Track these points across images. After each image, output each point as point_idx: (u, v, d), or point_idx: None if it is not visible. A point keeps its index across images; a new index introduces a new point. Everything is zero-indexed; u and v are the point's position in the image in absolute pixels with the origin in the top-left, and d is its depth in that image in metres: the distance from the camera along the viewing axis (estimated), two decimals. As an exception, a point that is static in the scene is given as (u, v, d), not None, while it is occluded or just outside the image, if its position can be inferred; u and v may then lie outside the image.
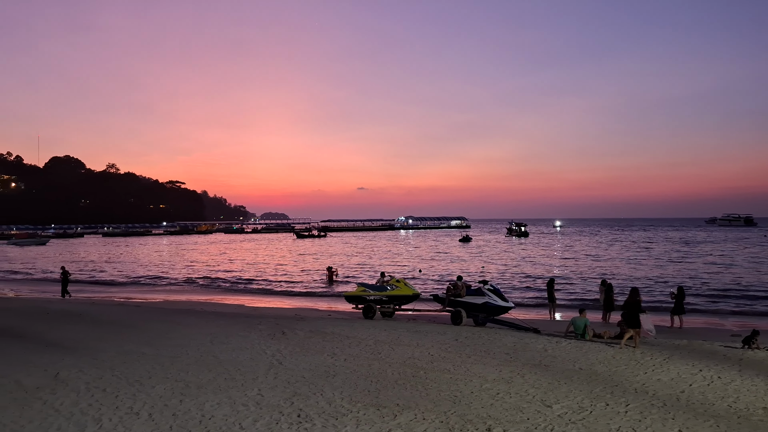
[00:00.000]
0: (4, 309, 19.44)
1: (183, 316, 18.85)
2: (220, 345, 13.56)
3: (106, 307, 21.52)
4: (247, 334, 15.07)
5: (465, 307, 17.93)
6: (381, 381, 10.36)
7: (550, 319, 20.74)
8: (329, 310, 22.77)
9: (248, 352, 12.87)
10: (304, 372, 11.01)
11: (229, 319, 18.09)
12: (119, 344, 13.69)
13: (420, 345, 13.57)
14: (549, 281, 22.04)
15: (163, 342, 13.97)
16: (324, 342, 13.96)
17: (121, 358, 12.19)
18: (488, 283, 18.64)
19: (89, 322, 17.01)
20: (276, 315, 20.08)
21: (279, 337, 14.58)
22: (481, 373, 11.02)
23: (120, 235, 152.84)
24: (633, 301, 14.10)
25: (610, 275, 35.24)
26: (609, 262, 49.58)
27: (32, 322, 16.88)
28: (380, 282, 20.67)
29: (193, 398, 9.28)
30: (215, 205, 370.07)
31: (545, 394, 9.58)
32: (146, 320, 17.43)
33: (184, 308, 21.82)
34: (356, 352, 12.89)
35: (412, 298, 19.67)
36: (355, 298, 20.08)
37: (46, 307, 20.94)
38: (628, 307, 14.06)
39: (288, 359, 12.11)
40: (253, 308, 23.16)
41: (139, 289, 34.85)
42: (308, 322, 17.61)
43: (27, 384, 10.18)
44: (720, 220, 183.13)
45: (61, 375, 10.76)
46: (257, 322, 16.98)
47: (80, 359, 12.07)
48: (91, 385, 10.05)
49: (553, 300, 21.31)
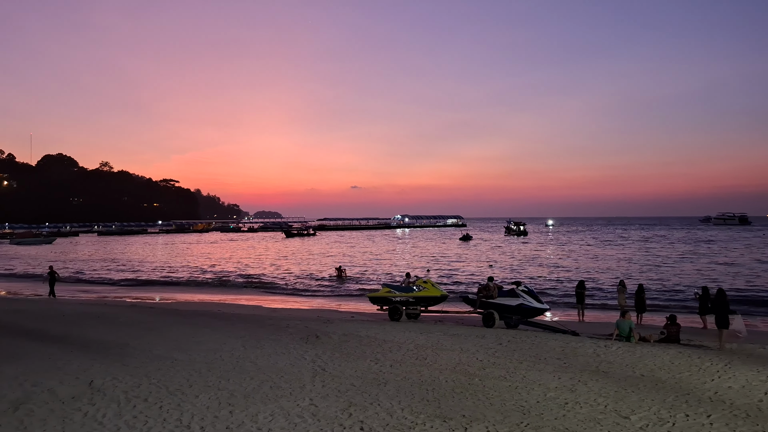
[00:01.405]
0: (17, 311, 18.74)
1: (203, 318, 18.20)
2: (254, 350, 12.96)
3: (120, 309, 20.84)
4: (278, 337, 14.47)
5: (498, 309, 17.38)
6: (436, 389, 9.79)
7: (579, 320, 20.17)
8: (351, 312, 22.16)
9: (286, 357, 12.28)
10: (352, 379, 10.44)
11: (252, 321, 17.47)
12: (147, 349, 13.06)
13: (464, 350, 13.01)
14: (579, 283, 21.46)
15: (192, 346, 13.35)
16: (362, 346, 13.38)
17: (153, 364, 11.57)
18: (521, 284, 18.10)
19: (108, 325, 16.36)
20: (298, 317, 19.48)
21: (313, 341, 13.99)
22: (540, 380, 10.47)
23: (115, 233, 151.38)
24: (722, 301, 14.15)
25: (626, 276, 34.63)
26: (618, 262, 49.19)
27: (51, 325, 16.21)
28: (405, 283, 20.09)
29: (242, 409, 8.69)
30: (209, 203, 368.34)
31: (616, 404, 9.03)
32: (167, 323, 16.78)
33: (200, 310, 21.15)
34: (399, 357, 12.32)
35: (440, 299, 19.10)
36: (380, 300, 19.49)
37: (59, 308, 20.24)
38: (718, 308, 14.08)
39: (330, 365, 11.52)
40: (271, 309, 22.52)
41: (147, 290, 34.10)
42: (336, 324, 17.02)
43: (62, 393, 9.55)
44: (715, 219, 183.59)
45: (96, 383, 10.13)
46: (285, 325, 16.37)
47: (110, 365, 11.44)
48: (130, 394, 9.44)
49: (582, 302, 20.75)
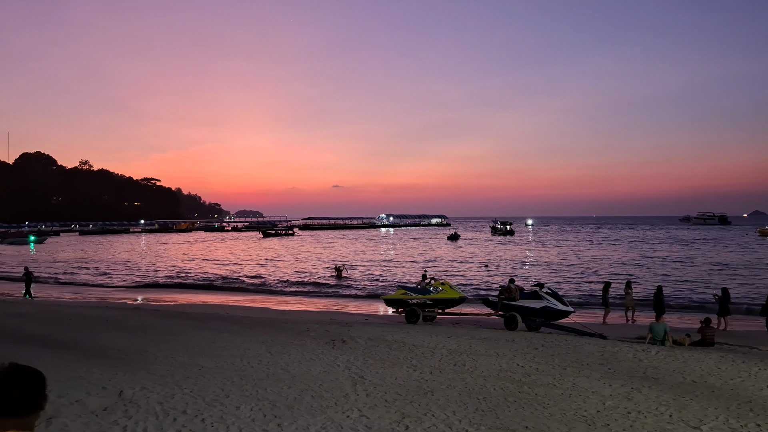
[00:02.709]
0: (19, 314, 17.94)
1: (216, 321, 17.59)
2: (281, 356, 12.43)
3: (124, 312, 20.10)
4: (302, 342, 13.95)
5: (521, 312, 17.00)
6: (488, 398, 9.36)
7: (603, 322, 19.85)
8: (364, 314, 21.65)
9: (317, 363, 11.78)
10: (396, 388, 9.97)
11: (268, 325, 16.90)
12: (169, 355, 12.47)
13: (500, 354, 12.60)
14: (605, 285, 21.04)
15: (215, 352, 12.78)
16: (392, 351, 12.91)
17: (180, 372, 11.00)
18: (544, 286, 17.74)
19: (120, 329, 15.68)
20: (312, 319, 18.94)
21: (340, 345, 13.49)
22: (591, 387, 10.09)
23: (97, 233, 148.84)
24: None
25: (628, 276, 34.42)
26: (612, 263, 49.25)
27: (59, 330, 15.49)
28: (422, 284, 19.64)
29: (290, 421, 8.19)
30: (190, 202, 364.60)
31: (680, 413, 8.68)
32: (181, 327, 16.16)
33: (208, 313, 20.50)
34: (436, 363, 11.88)
35: (458, 301, 18.68)
36: (396, 302, 19.02)
37: (62, 311, 19.47)
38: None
39: (367, 372, 11.05)
40: (280, 312, 21.94)
41: (144, 292, 33.25)
42: (356, 328, 16.52)
43: (92, 405, 8.96)
44: (695, 218, 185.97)
45: (126, 393, 9.55)
46: (304, 329, 15.84)
47: (136, 373, 10.85)
48: (166, 406, 8.88)
49: (607, 304, 20.36)
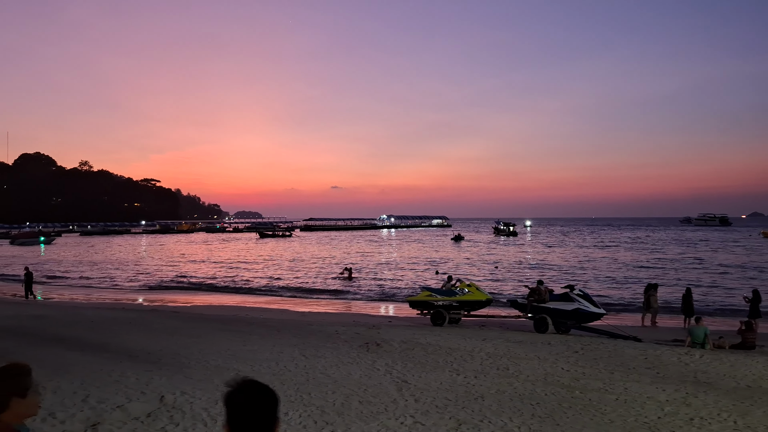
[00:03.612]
0: (40, 317, 17.63)
1: (240, 324, 17.30)
2: (316, 359, 12.14)
3: (143, 314, 19.82)
4: (334, 345, 13.66)
5: (552, 314, 16.68)
6: (541, 404, 9.07)
7: (641, 325, 19.45)
8: (385, 316, 21.35)
9: (356, 367, 11.49)
10: (444, 393, 9.68)
11: (294, 327, 16.60)
12: (202, 359, 12.18)
13: (542, 358, 12.31)
14: (647, 286, 20.40)
15: (248, 355, 12.49)
16: (430, 355, 12.63)
17: (218, 376, 10.69)
18: (575, 288, 17.44)
19: (145, 332, 15.39)
20: (335, 322, 18.62)
21: (375, 349, 13.19)
22: (644, 392, 9.81)
23: (98, 233, 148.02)
24: None
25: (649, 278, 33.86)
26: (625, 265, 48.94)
27: (83, 332, 15.20)
28: (447, 286, 19.33)
29: (344, 428, 7.92)
30: (190, 203, 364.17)
31: (744, 419, 8.41)
32: (207, 330, 15.86)
33: (228, 315, 20.21)
34: (478, 367, 11.59)
35: (485, 303, 18.38)
36: (421, 304, 18.72)
37: (82, 313, 19.17)
38: None
39: (410, 377, 10.76)
40: (300, 314, 21.61)
41: (157, 293, 32.86)
42: (384, 330, 16.22)
43: (134, 411, 8.69)
44: (696, 219, 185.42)
45: (167, 398, 9.26)
46: (333, 332, 15.54)
47: (172, 377, 10.57)
48: (211, 412, 8.59)
49: (649, 306, 19.81)
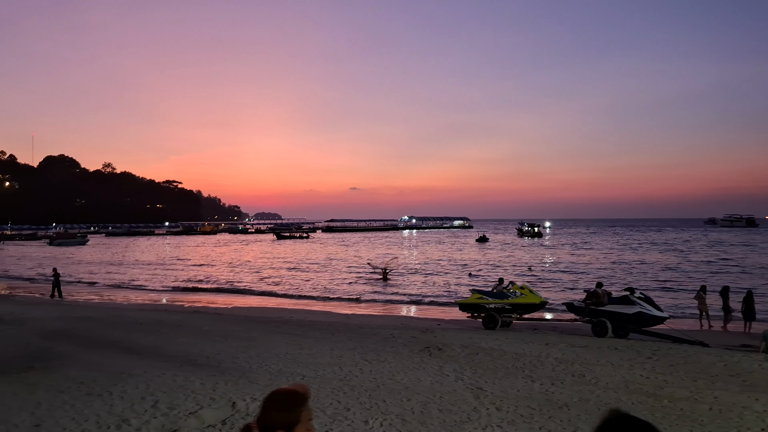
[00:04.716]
0: (86, 318, 17.48)
1: (290, 327, 16.99)
2: (380, 364, 11.75)
3: (187, 315, 19.60)
4: (394, 349, 13.27)
5: (612, 318, 16.10)
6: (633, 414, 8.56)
7: (700, 329, 18.74)
8: (433, 318, 20.88)
9: (424, 373, 11.08)
10: (525, 401, 9.23)
11: (346, 330, 16.22)
12: (261, 362, 11.87)
13: (615, 364, 11.79)
14: (723, 289, 19.77)
15: (308, 360, 12.14)
16: (496, 360, 12.17)
17: (284, 381, 10.34)
18: (636, 290, 16.86)
19: (195, 335, 15.12)
20: (384, 324, 18.23)
21: (437, 353, 12.77)
22: (737, 401, 9.24)
23: (123, 234, 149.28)
24: None
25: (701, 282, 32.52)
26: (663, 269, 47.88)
27: (134, 335, 14.99)
28: (498, 288, 18.84)
29: (433, 439, 7.51)
30: (210, 204, 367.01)
31: None
32: (260, 333, 15.56)
33: (273, 317, 19.87)
34: (550, 373, 11.11)
35: (540, 306, 17.86)
36: (471, 307, 18.24)
37: (127, 315, 18.98)
38: None
39: (483, 383, 10.32)
40: (345, 316, 21.24)
41: (195, 295, 32.71)
42: (439, 333, 15.79)
43: (208, 418, 8.38)
44: (721, 220, 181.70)
45: (239, 405, 8.93)
46: (389, 335, 15.15)
47: (237, 383, 10.24)
48: (288, 419, 8.20)
49: (728, 310, 19.12)
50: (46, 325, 16.03)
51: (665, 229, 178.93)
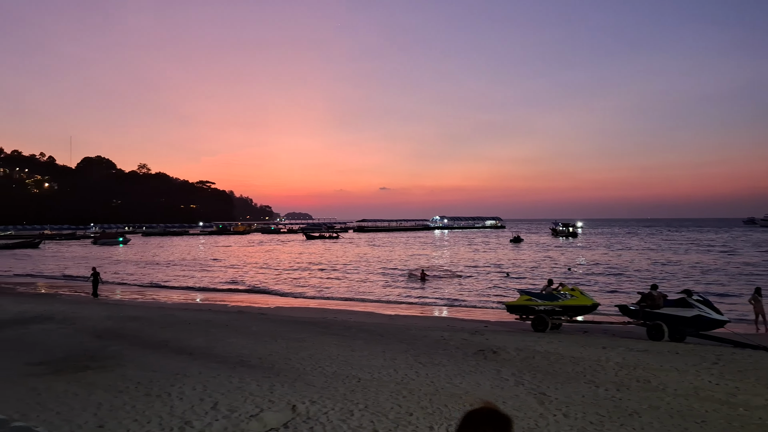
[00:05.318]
0: (136, 318, 17.61)
1: (338, 328, 16.89)
2: (435, 367, 11.51)
3: (231, 315, 19.64)
4: (447, 351, 13.03)
5: (668, 321, 15.59)
6: (708, 423, 8.17)
7: (756, 332, 18.12)
8: (479, 320, 20.57)
9: (482, 377, 10.81)
10: (592, 407, 8.89)
11: (395, 332, 16.05)
12: (314, 363, 11.73)
13: (681, 370, 11.35)
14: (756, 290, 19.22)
15: (361, 362, 11.96)
16: (554, 364, 11.84)
17: (340, 384, 10.19)
18: (694, 293, 16.32)
19: (246, 335, 15.10)
20: (430, 326, 18.00)
21: (492, 357, 12.49)
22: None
23: (158, 234, 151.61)
24: None
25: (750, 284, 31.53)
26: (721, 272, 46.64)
27: (184, 335, 15.02)
28: (547, 290, 18.45)
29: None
30: (242, 205, 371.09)
31: None
32: (307, 333, 15.48)
33: (317, 318, 19.77)
34: (614, 378, 10.74)
35: (591, 308, 17.41)
36: (520, 309, 17.89)
37: (175, 315, 19.09)
38: None
39: (546, 388, 10.01)
40: (389, 317, 21.06)
41: (235, 295, 32.91)
42: (491, 336, 15.51)
43: (270, 421, 8.26)
44: (762, 220, 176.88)
45: (299, 408, 8.78)
46: (439, 337, 14.93)
47: (293, 385, 10.11)
48: (351, 424, 8.07)
49: None
50: (97, 325, 16.17)
51: (704, 229, 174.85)
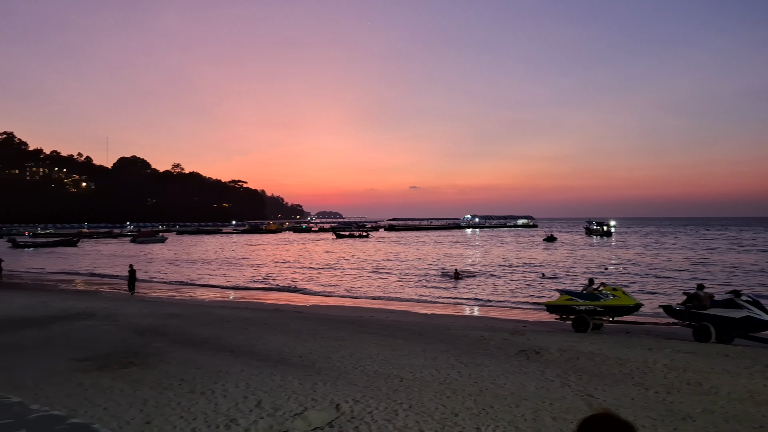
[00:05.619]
0: (176, 315, 17.81)
1: (375, 327, 16.83)
2: (477, 367, 11.34)
3: (269, 313, 19.70)
4: (489, 351, 12.85)
5: (716, 322, 15.15)
6: (767, 428, 7.89)
7: None
8: (517, 320, 20.31)
9: (527, 378, 10.61)
10: (643, 411, 8.63)
11: (434, 332, 15.91)
12: (355, 362, 11.67)
13: (732, 372, 10.99)
14: None
15: (402, 361, 11.86)
16: (600, 366, 11.57)
17: (383, 383, 10.10)
18: (742, 293, 15.84)
19: (285, 333, 15.12)
20: (468, 325, 17.83)
21: (535, 357, 12.27)
22: None
23: (193, 233, 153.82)
24: None
25: None
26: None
27: (224, 332, 15.12)
28: (588, 289, 18.11)
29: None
30: (274, 204, 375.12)
31: None
32: (345, 332, 15.44)
33: (353, 316, 19.76)
34: (663, 381, 10.43)
35: (634, 308, 17.01)
36: (560, 308, 17.60)
37: (208, 311, 19.29)
38: None
39: (593, 390, 9.77)
40: (425, 316, 20.94)
41: (267, 293, 33.15)
42: (531, 336, 15.26)
43: (315, 420, 8.19)
44: None
45: (343, 407, 8.71)
46: (479, 336, 14.75)
47: (336, 383, 10.06)
48: (397, 424, 7.96)
49: None
50: (139, 322, 16.38)
51: (742, 227, 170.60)
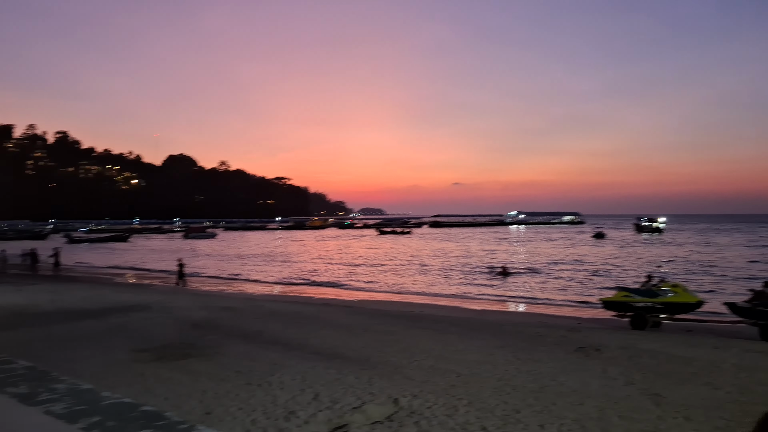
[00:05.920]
0: (227, 308, 18.03)
1: (427, 322, 16.70)
2: (536, 364, 11.07)
3: (319, 308, 19.80)
4: (546, 348, 12.56)
5: (786, 321, 14.54)
6: None
7: None
8: (572, 317, 19.93)
9: (588, 375, 10.31)
10: (714, 411, 8.25)
11: (488, 327, 15.71)
12: (409, 357, 11.55)
13: (811, 374, 10.48)
14: None
15: (456, 356, 11.67)
16: (666, 364, 11.15)
17: (440, 379, 9.96)
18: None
19: (336, 328, 15.11)
20: (522, 322, 17.53)
21: (595, 355, 11.92)
22: None
23: (239, 229, 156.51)
24: None
25: None
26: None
27: (276, 325, 15.23)
28: (646, 286, 17.58)
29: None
30: (317, 200, 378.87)
31: None
32: (397, 327, 15.37)
33: (404, 311, 19.60)
34: (732, 381, 9.97)
35: (695, 306, 16.44)
36: (617, 305, 17.13)
37: (259, 305, 19.48)
38: None
39: (659, 389, 9.39)
40: (476, 311, 20.71)
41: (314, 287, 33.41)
42: (589, 333, 14.92)
43: (373, 414, 8.11)
44: None
45: (402, 402, 8.60)
46: (534, 333, 14.47)
47: (392, 378, 9.96)
48: (458, 420, 7.80)
49: None
50: (193, 314, 16.62)
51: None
